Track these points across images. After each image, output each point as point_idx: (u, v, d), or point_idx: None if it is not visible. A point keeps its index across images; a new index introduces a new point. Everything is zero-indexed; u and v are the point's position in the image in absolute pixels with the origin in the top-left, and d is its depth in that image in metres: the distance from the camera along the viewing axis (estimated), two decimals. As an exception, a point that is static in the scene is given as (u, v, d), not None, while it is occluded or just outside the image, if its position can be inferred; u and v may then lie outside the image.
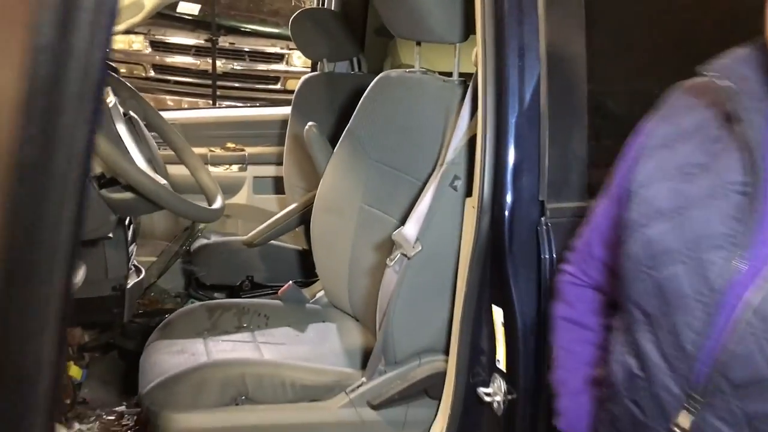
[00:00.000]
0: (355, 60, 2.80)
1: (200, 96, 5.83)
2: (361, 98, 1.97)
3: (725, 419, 0.86)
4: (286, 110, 2.77)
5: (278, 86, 6.10)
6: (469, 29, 1.67)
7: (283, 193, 2.75)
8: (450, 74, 1.79)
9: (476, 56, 1.49)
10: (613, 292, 1.08)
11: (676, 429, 0.90)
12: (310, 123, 2.12)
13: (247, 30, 6.22)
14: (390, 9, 1.79)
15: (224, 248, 2.56)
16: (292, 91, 2.80)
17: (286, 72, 6.14)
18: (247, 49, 6.10)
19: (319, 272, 2.10)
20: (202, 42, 5.95)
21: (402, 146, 1.84)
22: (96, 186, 1.59)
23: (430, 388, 1.66)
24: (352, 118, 1.98)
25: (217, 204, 1.79)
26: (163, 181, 1.57)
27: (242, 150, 2.89)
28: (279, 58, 6.11)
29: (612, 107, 1.51)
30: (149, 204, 1.64)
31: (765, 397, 0.84)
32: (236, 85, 6.00)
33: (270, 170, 2.85)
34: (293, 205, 2.42)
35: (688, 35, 1.48)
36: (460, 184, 1.55)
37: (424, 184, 1.70)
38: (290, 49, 5.99)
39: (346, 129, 1.99)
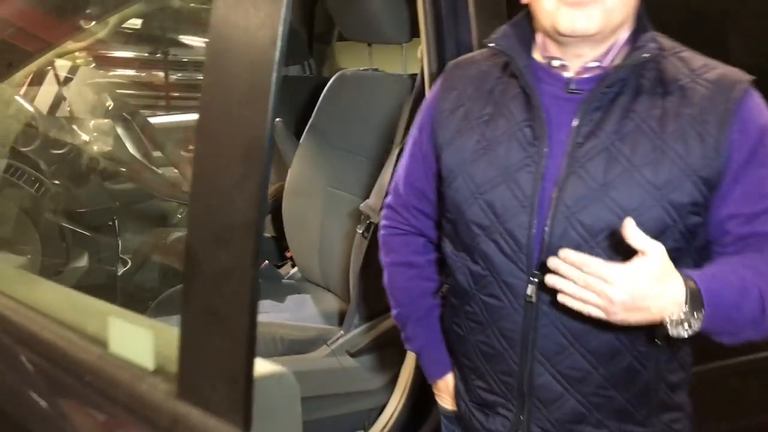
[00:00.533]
0: (306, 64, 3.08)
1: (150, 107, 5.98)
2: (321, 95, 2.26)
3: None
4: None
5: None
6: (413, 31, 1.97)
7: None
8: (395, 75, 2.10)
9: (421, 54, 1.79)
10: (428, 232, 1.37)
11: (526, 300, 1.17)
12: (276, 119, 2.39)
13: (190, 42, 6.40)
14: (343, 15, 2.09)
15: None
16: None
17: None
18: (188, 60, 6.27)
19: (292, 250, 2.38)
20: (146, 55, 6.10)
21: (360, 134, 2.14)
22: (100, 178, 1.84)
23: (399, 336, 1.95)
24: (314, 113, 2.27)
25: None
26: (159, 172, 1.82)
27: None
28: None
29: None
30: (146, 193, 1.89)
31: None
32: (185, 95, 6.17)
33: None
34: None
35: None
36: (414, 160, 1.85)
37: (382, 164, 2.00)
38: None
39: (309, 123, 2.28)
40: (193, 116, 4.00)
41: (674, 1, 1.62)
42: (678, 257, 1.10)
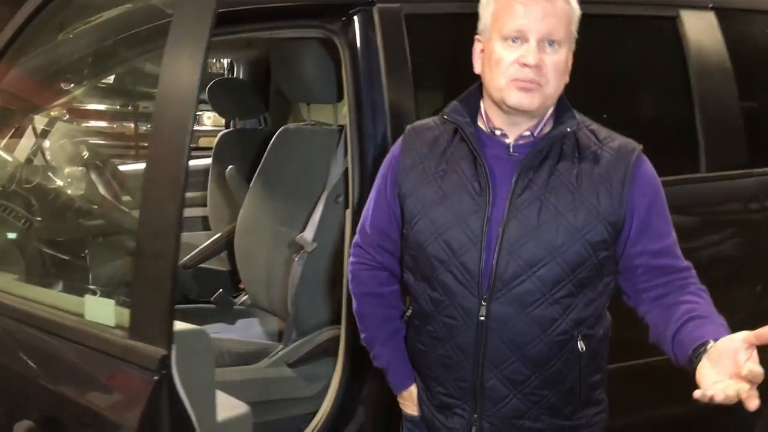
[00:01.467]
0: (261, 117, 3.47)
1: (120, 157, 6.30)
2: (268, 146, 2.64)
3: (503, 303, 1.41)
4: (207, 161, 3.40)
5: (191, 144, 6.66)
6: (341, 93, 2.36)
7: (210, 229, 3.34)
8: (330, 124, 2.49)
9: (345, 113, 2.17)
10: (392, 267, 1.59)
11: (478, 319, 1.42)
12: (230, 167, 2.76)
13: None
14: (286, 81, 2.49)
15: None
16: (203, 148, 3.41)
17: (197, 131, 6.72)
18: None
19: (244, 281, 2.73)
20: (117, 107, 6.45)
21: (300, 178, 2.52)
22: (75, 216, 2.18)
23: (330, 348, 2.29)
24: (262, 161, 2.64)
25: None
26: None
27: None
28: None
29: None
30: (114, 228, 2.23)
31: (520, 285, 1.40)
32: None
33: (197, 211, 3.44)
34: (218, 234, 3.03)
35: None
36: (341, 199, 2.22)
37: (316, 203, 2.37)
38: (201, 111, 6.59)
39: (258, 170, 2.65)
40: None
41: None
42: (589, 282, 1.42)
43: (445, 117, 1.50)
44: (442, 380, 1.52)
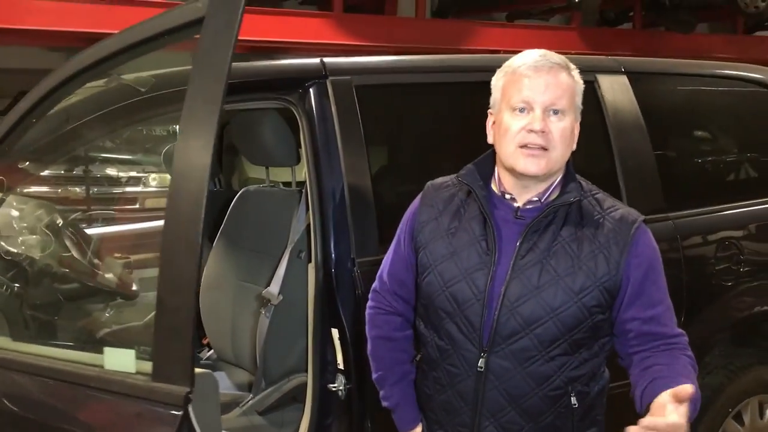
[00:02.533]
0: (216, 179, 3.63)
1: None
2: (230, 207, 2.81)
3: (502, 357, 1.51)
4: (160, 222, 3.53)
5: (137, 206, 6.73)
6: (298, 156, 2.56)
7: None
8: (290, 183, 2.68)
9: (305, 175, 2.36)
10: (406, 313, 1.70)
11: (478, 369, 1.52)
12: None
13: (104, 158, 6.83)
14: (246, 146, 2.68)
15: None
16: (150, 209, 3.52)
17: (143, 192, 6.79)
18: (103, 175, 6.69)
19: (209, 335, 2.85)
20: (62, 172, 6.49)
21: (262, 237, 2.69)
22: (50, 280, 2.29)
23: (298, 395, 2.43)
24: (224, 221, 2.81)
25: (135, 287, 2.54)
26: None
27: (127, 257, 3.57)
28: (137, 181, 6.78)
29: (389, 201, 2.41)
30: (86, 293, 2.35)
31: (518, 341, 1.50)
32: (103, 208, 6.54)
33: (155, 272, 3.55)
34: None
35: (434, 154, 2.44)
36: (303, 254, 2.40)
37: (280, 259, 2.54)
38: (146, 172, 6.69)
39: (221, 230, 2.81)
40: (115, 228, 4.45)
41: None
42: (585, 342, 1.52)
43: (459, 179, 1.62)
44: (443, 424, 1.62)
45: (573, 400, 1.54)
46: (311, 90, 2.26)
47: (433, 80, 2.41)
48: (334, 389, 2.17)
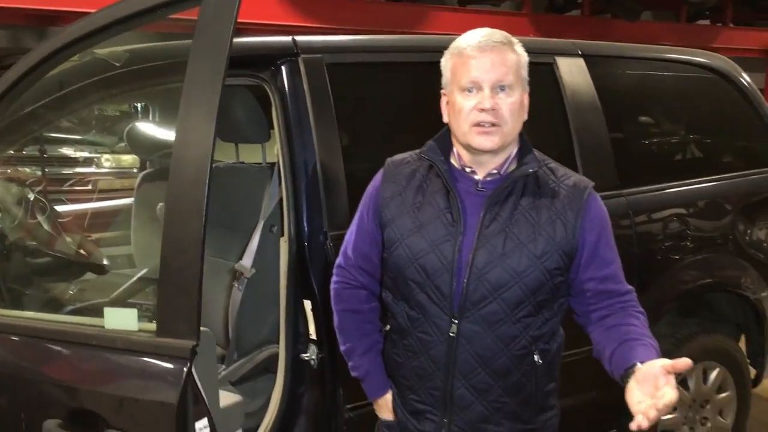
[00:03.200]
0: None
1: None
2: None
3: (472, 321, 1.59)
4: (125, 201, 3.53)
5: (90, 187, 6.63)
6: (268, 133, 2.60)
7: (135, 266, 3.44)
8: (259, 163, 2.72)
9: (278, 150, 2.41)
10: (371, 286, 1.75)
11: (450, 335, 1.60)
12: (160, 204, 2.92)
13: (56, 137, 6.70)
14: (217, 123, 2.70)
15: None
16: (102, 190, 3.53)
17: (95, 173, 6.70)
18: (57, 155, 6.58)
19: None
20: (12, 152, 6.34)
21: (233, 213, 2.73)
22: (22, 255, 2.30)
23: (270, 365, 2.48)
24: (193, 198, 2.83)
25: (105, 261, 2.55)
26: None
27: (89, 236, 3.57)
28: (90, 162, 6.67)
29: (360, 176, 2.46)
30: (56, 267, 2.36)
31: (486, 306, 1.58)
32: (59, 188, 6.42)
33: (120, 250, 3.55)
34: (145, 269, 3.15)
35: (404, 131, 2.52)
36: (275, 228, 2.45)
37: (251, 234, 2.58)
38: (99, 153, 6.59)
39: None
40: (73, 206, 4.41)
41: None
42: (547, 303, 1.62)
43: (422, 155, 1.70)
44: (415, 389, 1.69)
45: (537, 357, 1.64)
46: (283, 67, 2.31)
47: (404, 59, 2.48)
48: (306, 359, 2.25)
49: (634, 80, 3.12)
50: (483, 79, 1.56)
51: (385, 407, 1.80)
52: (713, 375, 3.07)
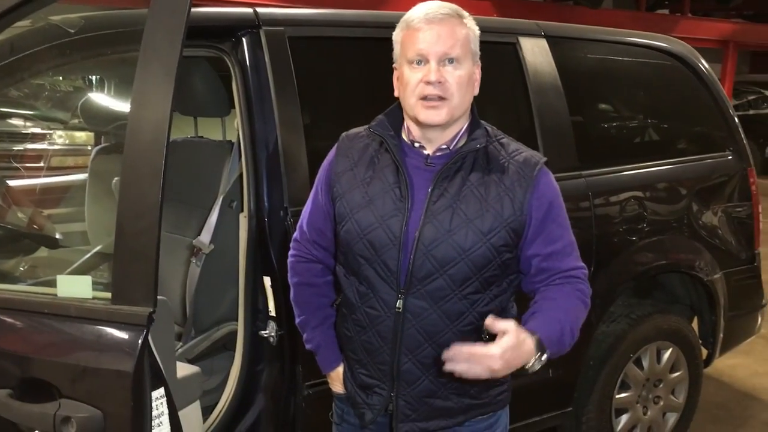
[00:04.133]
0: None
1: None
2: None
3: (418, 297, 1.59)
4: (77, 177, 3.44)
5: (42, 164, 6.46)
6: (229, 107, 2.56)
7: (89, 243, 3.36)
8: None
9: (237, 124, 2.37)
10: (325, 260, 1.75)
11: (396, 310, 1.60)
12: (116, 178, 2.85)
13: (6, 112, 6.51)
14: (176, 95, 2.64)
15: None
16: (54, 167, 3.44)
17: (49, 150, 6.52)
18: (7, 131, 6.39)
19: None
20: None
21: (190, 188, 2.68)
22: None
23: (228, 342, 2.46)
24: (150, 172, 2.77)
25: (58, 235, 2.48)
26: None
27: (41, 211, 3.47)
28: (42, 137, 6.49)
29: (322, 151, 2.44)
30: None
31: (433, 282, 1.57)
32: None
33: (73, 227, 3.46)
34: (99, 246, 3.08)
35: (366, 105, 2.48)
36: (235, 204, 2.41)
37: (209, 210, 2.54)
38: (51, 129, 6.41)
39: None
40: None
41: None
42: (495, 280, 1.61)
43: (371, 130, 1.69)
44: (364, 363, 1.70)
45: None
46: (244, 39, 2.27)
47: (368, 35, 2.45)
48: (265, 336, 2.23)
49: (595, 63, 3.15)
50: (429, 51, 1.55)
51: (337, 380, 1.81)
52: (666, 355, 3.14)
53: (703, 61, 3.37)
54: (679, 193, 3.17)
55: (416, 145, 1.64)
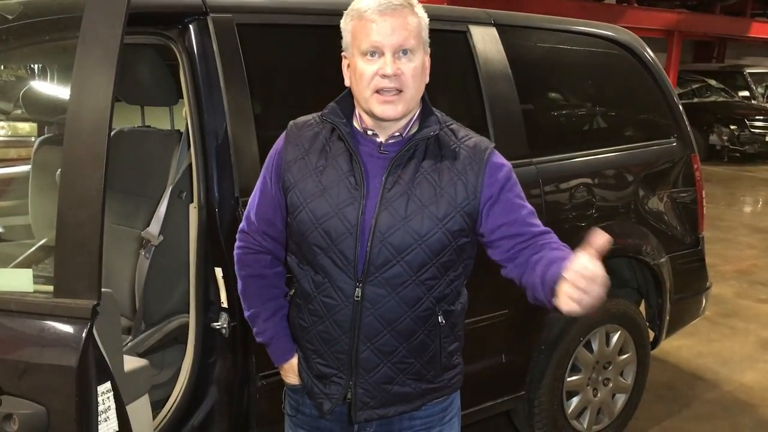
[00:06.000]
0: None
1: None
2: (101, 149, 2.71)
3: (376, 285, 1.58)
4: (20, 169, 3.34)
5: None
6: (177, 96, 2.50)
7: (33, 237, 3.27)
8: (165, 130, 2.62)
9: (186, 114, 2.32)
10: (275, 251, 1.72)
11: (355, 299, 1.59)
12: (60, 170, 2.77)
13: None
14: (122, 85, 2.57)
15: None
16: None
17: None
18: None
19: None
20: None
21: (137, 178, 2.62)
22: None
23: (180, 335, 2.42)
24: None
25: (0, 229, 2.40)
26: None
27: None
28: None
29: (272, 140, 2.42)
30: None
31: (390, 269, 1.57)
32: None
33: (18, 220, 3.36)
34: (44, 240, 3.00)
35: (316, 94, 2.47)
36: (185, 194, 2.37)
37: (158, 201, 2.49)
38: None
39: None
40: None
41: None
42: (451, 265, 1.61)
43: (323, 117, 1.66)
44: (321, 353, 1.69)
45: (440, 318, 1.66)
46: (191, 26, 2.22)
47: (318, 22, 2.42)
48: (217, 327, 2.21)
49: (544, 51, 3.18)
50: (384, 44, 1.54)
51: (290, 372, 1.80)
52: (615, 338, 3.21)
53: (649, 50, 3.44)
54: (626, 179, 3.23)
55: (369, 132, 1.64)
